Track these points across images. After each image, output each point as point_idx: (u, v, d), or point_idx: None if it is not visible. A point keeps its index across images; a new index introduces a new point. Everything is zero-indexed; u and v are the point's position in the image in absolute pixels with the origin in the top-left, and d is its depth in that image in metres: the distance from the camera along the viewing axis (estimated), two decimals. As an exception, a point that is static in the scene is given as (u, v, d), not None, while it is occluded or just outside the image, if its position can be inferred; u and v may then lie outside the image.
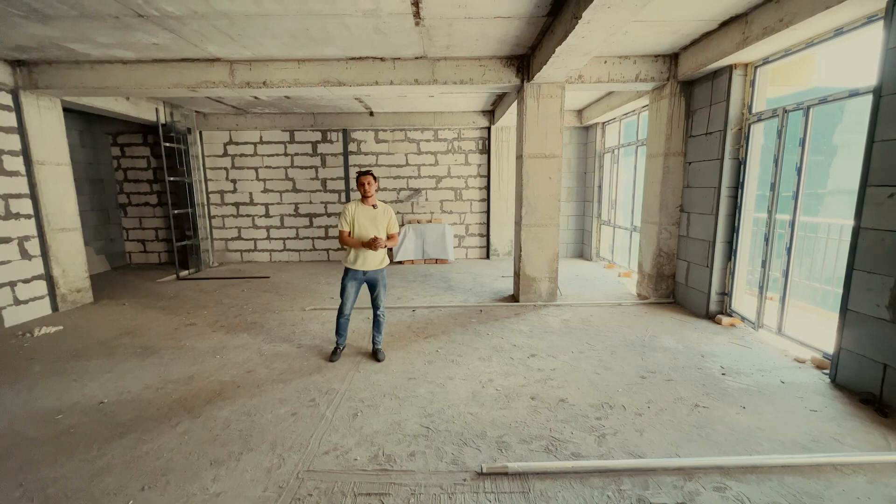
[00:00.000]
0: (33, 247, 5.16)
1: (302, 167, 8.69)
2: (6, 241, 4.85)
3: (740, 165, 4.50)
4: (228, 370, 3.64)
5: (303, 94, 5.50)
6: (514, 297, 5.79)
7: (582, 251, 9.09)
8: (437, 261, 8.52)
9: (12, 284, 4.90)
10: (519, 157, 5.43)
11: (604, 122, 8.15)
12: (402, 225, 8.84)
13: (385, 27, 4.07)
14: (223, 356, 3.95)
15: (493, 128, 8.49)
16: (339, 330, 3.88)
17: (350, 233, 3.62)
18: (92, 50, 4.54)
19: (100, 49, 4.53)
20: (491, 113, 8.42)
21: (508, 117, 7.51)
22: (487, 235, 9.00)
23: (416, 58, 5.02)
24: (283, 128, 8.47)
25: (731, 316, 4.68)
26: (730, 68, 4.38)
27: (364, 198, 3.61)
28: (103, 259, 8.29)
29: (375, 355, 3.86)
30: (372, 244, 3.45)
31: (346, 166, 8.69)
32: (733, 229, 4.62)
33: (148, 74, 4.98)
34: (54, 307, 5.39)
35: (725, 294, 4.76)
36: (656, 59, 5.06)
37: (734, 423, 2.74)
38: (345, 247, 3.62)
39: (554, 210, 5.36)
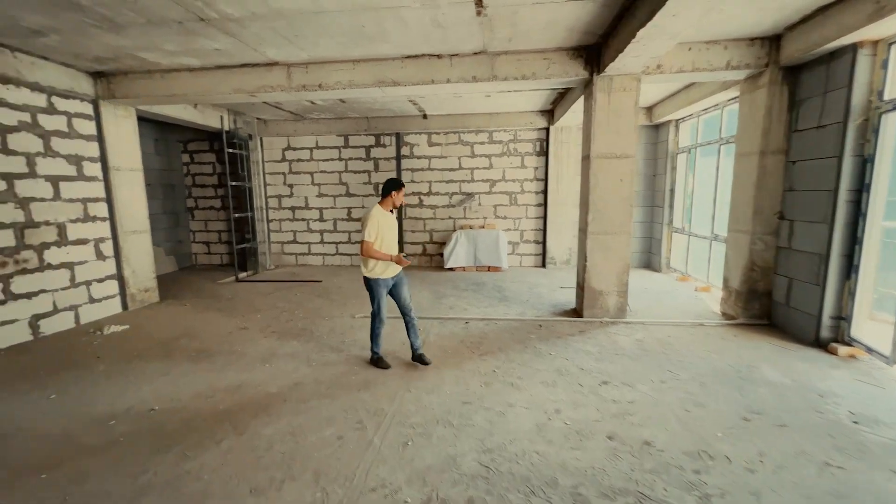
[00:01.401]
0: (107, 248, 5.44)
1: (355, 171, 8.69)
2: (84, 242, 5.12)
3: (865, 164, 3.72)
4: (276, 381, 3.50)
5: (357, 95, 5.38)
6: (576, 312, 5.27)
7: (649, 261, 8.30)
8: (489, 268, 8.13)
9: (88, 284, 5.17)
10: (586, 158, 4.94)
11: (677, 120, 7.37)
12: (453, 230, 8.56)
13: (443, 19, 3.80)
14: (272, 364, 3.83)
15: (552, 128, 7.99)
16: (379, 339, 3.80)
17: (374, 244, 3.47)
18: (161, 59, 4.69)
19: (168, 57, 4.65)
20: (550, 113, 7.93)
21: (570, 116, 6.99)
22: (544, 242, 8.48)
23: (475, 53, 4.71)
24: (337, 132, 8.52)
25: (849, 345, 3.88)
26: (853, 48, 3.64)
27: (386, 205, 3.57)
28: (172, 260, 8.76)
29: (421, 359, 3.77)
30: (401, 262, 3.50)
31: (399, 170, 8.57)
32: (854, 240, 3.83)
33: (211, 81, 5.09)
34: (124, 306, 5.65)
35: (842, 318, 3.96)
36: (752, 42, 4.38)
37: (888, 497, 2.11)
38: (363, 257, 3.53)
39: (625, 216, 4.80)
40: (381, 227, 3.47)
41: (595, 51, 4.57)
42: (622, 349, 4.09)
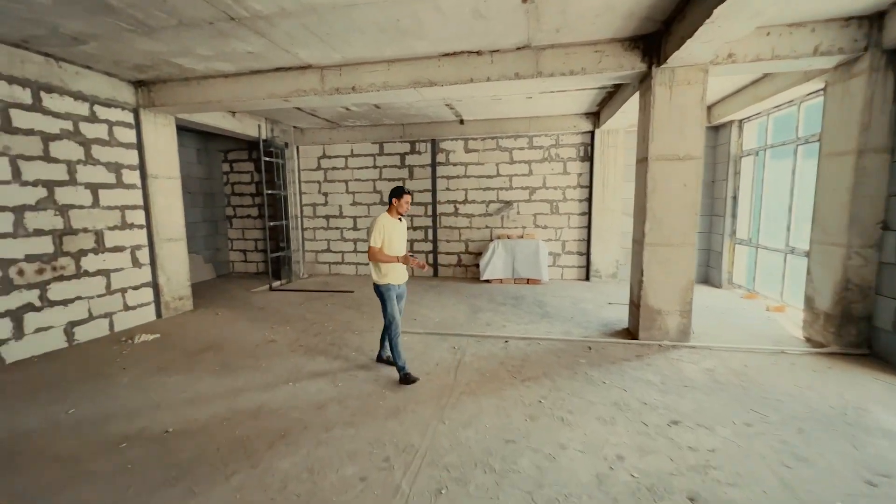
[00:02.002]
0: (143, 255, 5.43)
1: (390, 179, 8.49)
2: (120, 249, 5.13)
3: None
4: (299, 403, 3.20)
5: (392, 100, 5.14)
6: (630, 333, 4.70)
7: (707, 275, 7.51)
8: (528, 281, 7.63)
9: (123, 291, 5.16)
10: (642, 161, 4.42)
11: (741, 120, 6.66)
12: (490, 240, 8.14)
13: (485, 9, 3.46)
14: (296, 384, 3.55)
15: (597, 132, 7.45)
16: (400, 348, 3.60)
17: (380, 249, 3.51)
18: (196, 64, 4.63)
19: (203, 63, 4.59)
20: (595, 115, 7.40)
21: (618, 118, 6.45)
22: (587, 254, 7.89)
23: (518, 48, 4.34)
24: (373, 140, 8.36)
25: None
26: None
27: (394, 212, 3.57)
28: (210, 267, 8.86)
29: (390, 362, 3.82)
30: (407, 261, 3.49)
31: (434, 178, 8.28)
32: None
33: (245, 87, 5.00)
34: (158, 314, 5.62)
35: (976, 352, 3.21)
36: (847, 22, 3.74)
37: None
38: (373, 263, 3.56)
39: (689, 225, 4.22)
40: (388, 233, 3.50)
41: (654, 40, 4.08)
42: (690, 380, 3.50)
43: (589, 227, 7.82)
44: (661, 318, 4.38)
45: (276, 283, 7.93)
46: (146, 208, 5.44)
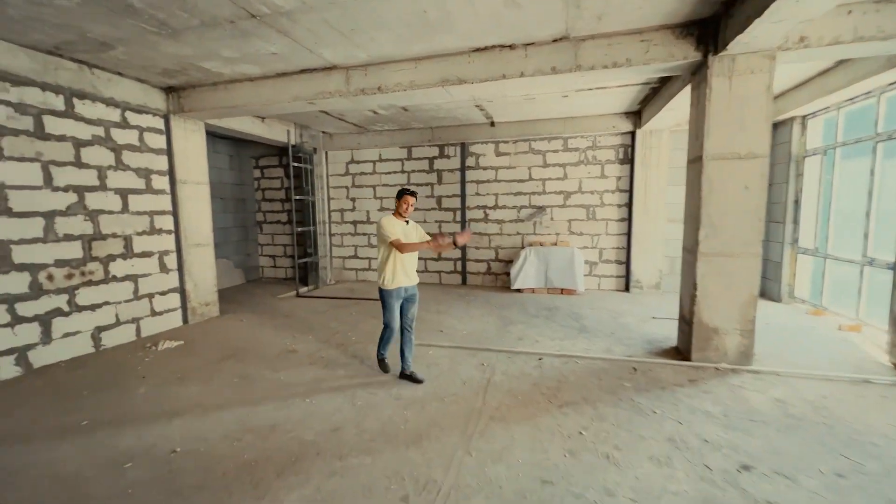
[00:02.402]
0: (171, 261, 5.43)
1: (418, 184, 8.27)
2: (148, 255, 5.13)
3: None
4: (314, 424, 2.96)
5: (419, 100, 4.91)
6: (680, 353, 4.21)
7: (764, 288, 6.81)
8: (562, 291, 7.18)
9: (150, 296, 5.15)
10: (695, 161, 3.96)
11: (804, 116, 6.00)
12: (522, 248, 7.76)
13: (520, -6, 3.15)
14: (313, 400, 3.32)
15: (638, 132, 6.95)
16: (388, 345, 3.81)
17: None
18: (223, 68, 4.57)
19: (229, 66, 4.52)
20: (636, 114, 6.91)
21: (664, 117, 5.95)
22: (627, 263, 7.36)
23: (555, 40, 4.00)
24: (401, 144, 8.19)
25: None
26: None
27: (397, 214, 3.52)
28: (240, 272, 8.92)
29: (412, 377, 3.65)
30: (439, 244, 3.33)
31: (463, 182, 8.00)
32: None
33: (271, 90, 4.90)
34: (185, 319, 5.60)
35: None
36: (950, -5, 3.18)
37: None
38: (386, 269, 3.49)
39: (752, 233, 3.72)
40: (397, 230, 3.43)
41: (710, 25, 3.64)
42: (758, 413, 3.02)
43: (629, 234, 7.30)
44: (718, 338, 3.87)
45: (303, 290, 7.85)
46: (174, 214, 5.44)
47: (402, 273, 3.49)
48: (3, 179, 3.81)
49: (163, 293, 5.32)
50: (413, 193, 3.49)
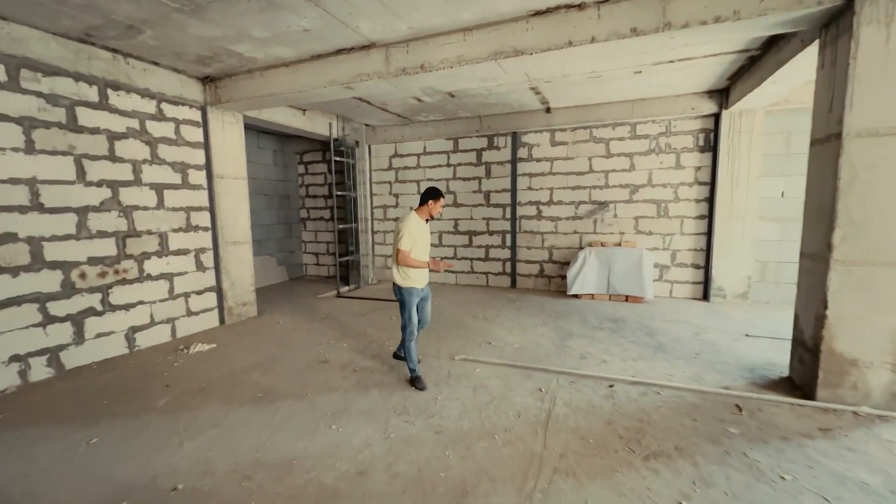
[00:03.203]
0: (208, 259, 5.22)
1: (464, 179, 7.68)
2: (184, 252, 4.93)
3: None
4: (337, 461, 2.46)
5: (468, 83, 4.34)
6: (795, 387, 3.30)
7: None
8: (627, 298, 6.30)
9: (186, 296, 4.96)
10: (826, 140, 3.04)
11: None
12: (580, 248, 6.94)
13: (600, -75, 2.44)
14: (340, 426, 2.84)
15: (724, 114, 5.89)
16: (415, 353, 3.52)
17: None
18: (255, 52, 4.22)
19: (262, 49, 4.16)
20: (722, 93, 5.87)
21: (764, 91, 4.87)
22: (706, 267, 6.33)
23: (637, -7, 3.23)
24: (447, 136, 7.63)
25: None
26: None
27: (423, 213, 3.43)
28: (283, 270, 8.80)
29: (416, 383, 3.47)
30: (438, 266, 3.41)
31: (514, 176, 7.30)
32: None
33: (307, 75, 4.50)
34: (221, 319, 5.39)
35: None
36: None
37: None
38: (400, 266, 3.39)
39: (913, 235, 2.77)
40: (416, 236, 3.33)
41: (859, -43, 2.72)
42: (944, 491, 2.13)
43: (709, 233, 6.26)
44: (858, 373, 2.95)
45: (344, 289, 7.53)
46: (211, 210, 5.22)
47: (422, 274, 3.45)
48: (35, 174, 3.67)
49: (199, 292, 5.12)
50: (443, 195, 3.49)
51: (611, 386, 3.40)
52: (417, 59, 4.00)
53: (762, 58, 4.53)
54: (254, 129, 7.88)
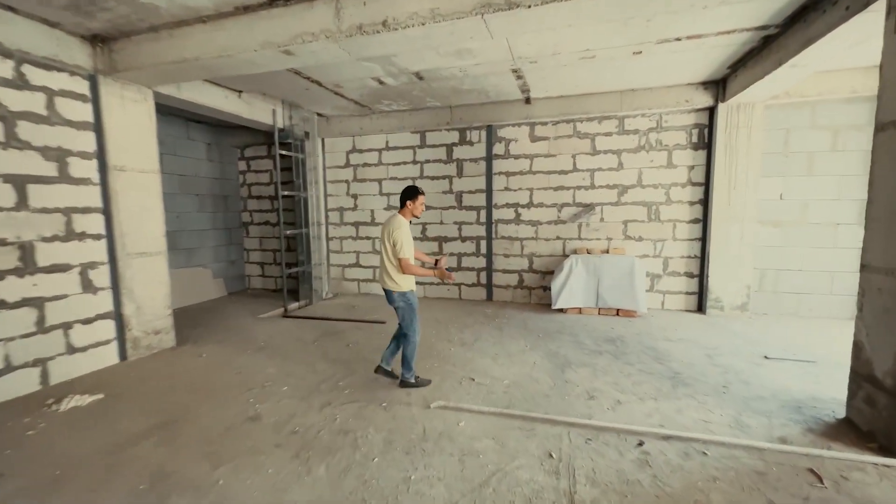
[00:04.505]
0: (101, 277, 3.97)
1: (433, 178, 6.76)
2: (64, 269, 3.67)
3: None
4: None
5: (440, 59, 3.47)
6: (864, 433, 2.62)
7: None
8: (618, 312, 5.61)
9: (66, 326, 3.69)
10: (888, 127, 2.38)
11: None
12: (564, 256, 6.20)
13: None
14: (261, 550, 1.81)
15: (720, 107, 5.35)
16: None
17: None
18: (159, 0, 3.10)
19: (164, -6, 3.05)
20: (718, 84, 5.33)
21: (777, 78, 4.28)
22: (702, 276, 5.76)
23: (671, -74, 2.45)
24: (413, 128, 6.68)
25: None
26: None
27: (408, 215, 3.26)
28: (220, 284, 7.47)
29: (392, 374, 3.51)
30: (444, 276, 3.28)
31: (490, 175, 6.46)
32: None
33: (231, 35, 3.42)
34: (122, 355, 4.14)
35: None
36: None
37: None
38: (393, 271, 3.19)
39: None
40: (411, 241, 3.21)
41: None
42: None
43: (704, 239, 5.70)
44: (957, 422, 2.28)
45: (293, 306, 6.37)
46: (107, 212, 3.98)
47: (411, 277, 3.29)
48: None
49: (87, 321, 3.85)
50: (424, 192, 3.30)
51: (640, 444, 2.58)
52: (378, 11, 3.03)
53: (779, 37, 3.94)
54: (180, 117, 6.59)
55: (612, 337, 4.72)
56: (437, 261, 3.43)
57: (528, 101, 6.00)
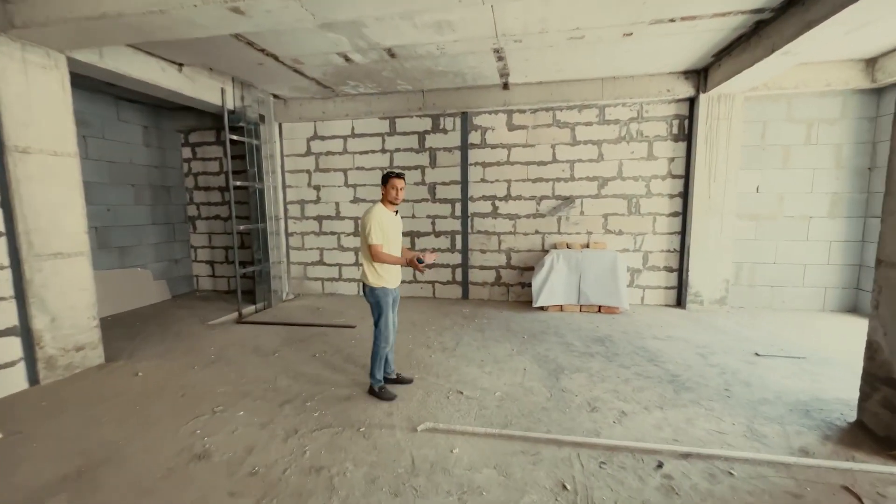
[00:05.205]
0: (1, 283, 3.20)
1: (404, 168, 6.27)
2: (-55, 275, 2.90)
3: None
4: None
5: (416, 33, 3.01)
6: (880, 438, 2.48)
7: (856, 302, 5.31)
8: (600, 309, 5.42)
9: (-49, 348, 2.93)
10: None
11: (933, 74, 4.45)
12: (544, 251, 5.94)
13: None
14: None
15: (702, 97, 5.23)
16: (382, 362, 3.12)
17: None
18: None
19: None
20: (700, 74, 5.20)
21: (769, 64, 4.09)
22: (681, 270, 5.68)
23: None
24: (381, 114, 6.14)
25: None
26: None
27: (387, 203, 3.03)
28: (163, 285, 6.62)
29: (401, 379, 3.34)
30: (415, 265, 2.97)
31: (465, 165, 6.06)
32: None
33: (163, -16, 2.78)
34: (33, 378, 3.39)
35: None
36: None
37: None
38: (374, 264, 2.98)
39: None
40: (385, 228, 2.97)
41: None
42: None
43: (683, 233, 5.61)
44: None
45: (248, 310, 5.70)
46: (5, 204, 3.21)
47: (393, 272, 3.08)
48: None
49: (-18, 340, 3.10)
50: (400, 175, 3.01)
51: (660, 466, 2.29)
52: (350, -37, 2.53)
53: (772, 22, 3.79)
54: (109, 94, 5.68)
55: (599, 336, 4.48)
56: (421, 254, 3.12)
57: (506, 86, 5.63)
